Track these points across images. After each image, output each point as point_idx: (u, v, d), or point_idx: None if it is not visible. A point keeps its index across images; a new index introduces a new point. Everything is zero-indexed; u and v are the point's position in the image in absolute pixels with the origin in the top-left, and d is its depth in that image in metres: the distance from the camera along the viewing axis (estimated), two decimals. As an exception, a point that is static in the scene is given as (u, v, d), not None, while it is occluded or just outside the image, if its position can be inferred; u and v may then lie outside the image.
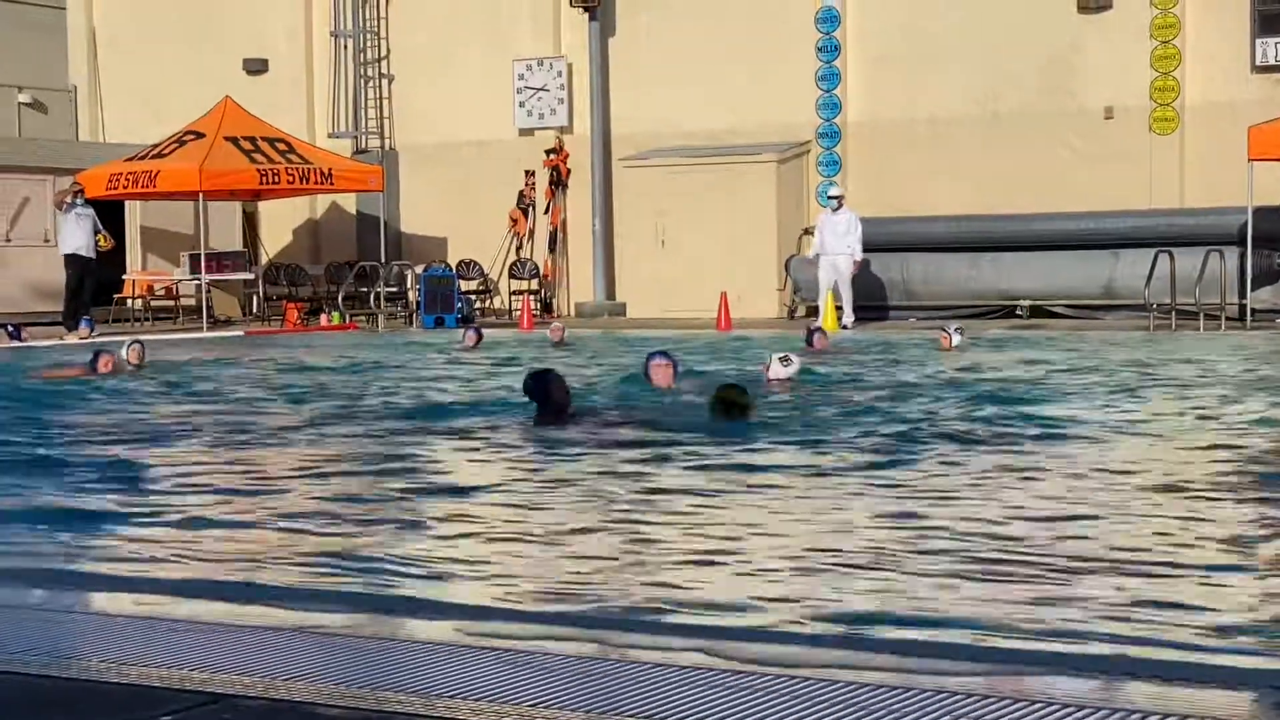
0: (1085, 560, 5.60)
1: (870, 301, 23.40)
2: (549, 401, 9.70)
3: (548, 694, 3.49)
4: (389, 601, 5.00)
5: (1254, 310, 20.68)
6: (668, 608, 4.94)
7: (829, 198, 22.90)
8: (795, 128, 25.28)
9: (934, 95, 24.41)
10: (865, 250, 22.57)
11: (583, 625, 4.57)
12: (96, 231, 22.93)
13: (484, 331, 19.55)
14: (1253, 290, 20.84)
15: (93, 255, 22.89)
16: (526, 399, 9.88)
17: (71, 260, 22.73)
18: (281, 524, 6.60)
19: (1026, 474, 7.80)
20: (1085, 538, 6.07)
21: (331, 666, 3.77)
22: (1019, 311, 22.62)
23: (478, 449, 9.24)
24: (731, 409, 9.45)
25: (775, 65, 25.20)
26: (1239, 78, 22.76)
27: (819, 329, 17.35)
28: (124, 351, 15.26)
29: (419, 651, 4.05)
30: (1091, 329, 20.35)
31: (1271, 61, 22.63)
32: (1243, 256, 20.74)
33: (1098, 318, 22.00)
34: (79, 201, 23.01)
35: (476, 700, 3.43)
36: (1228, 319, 20.08)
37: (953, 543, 5.92)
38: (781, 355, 12.51)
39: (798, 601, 5.04)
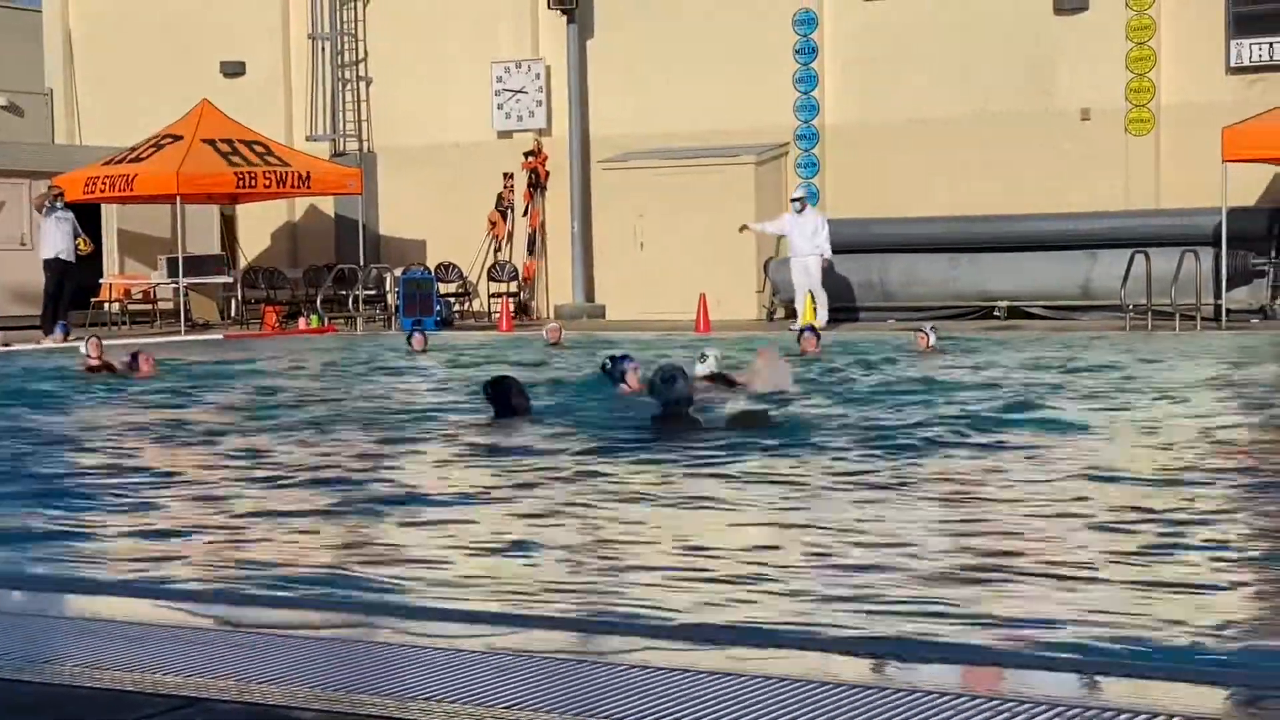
0: (1058, 561, 5.63)
1: (847, 303, 23.48)
2: (508, 407, 9.88)
3: (526, 695, 3.49)
4: (364, 604, 5.01)
5: (1229, 310, 20.76)
6: (645, 609, 4.96)
7: (791, 199, 22.97)
8: (773, 130, 25.32)
9: (911, 97, 24.46)
10: (844, 252, 22.69)
11: (560, 627, 4.58)
12: (76, 235, 22.86)
13: (428, 334, 19.58)
14: (1228, 290, 20.91)
15: (72, 259, 22.81)
16: (486, 403, 10.02)
17: (51, 264, 22.65)
18: (253, 528, 6.60)
19: (993, 476, 7.84)
20: (1057, 538, 6.11)
21: (306, 669, 3.77)
22: (996, 313, 22.68)
23: (441, 452, 9.26)
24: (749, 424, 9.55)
25: (753, 67, 25.23)
26: (1214, 79, 22.85)
27: (809, 329, 17.26)
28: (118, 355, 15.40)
29: (394, 653, 4.05)
30: (1069, 330, 20.41)
31: (1246, 63, 22.73)
32: (1218, 257, 20.82)
33: (1075, 319, 22.07)
34: (58, 205, 22.94)
35: (453, 703, 3.44)
36: (1203, 319, 20.16)
37: (926, 544, 5.95)
38: (699, 354, 12.73)
39: (776, 602, 5.06)
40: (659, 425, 9.38)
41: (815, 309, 22.07)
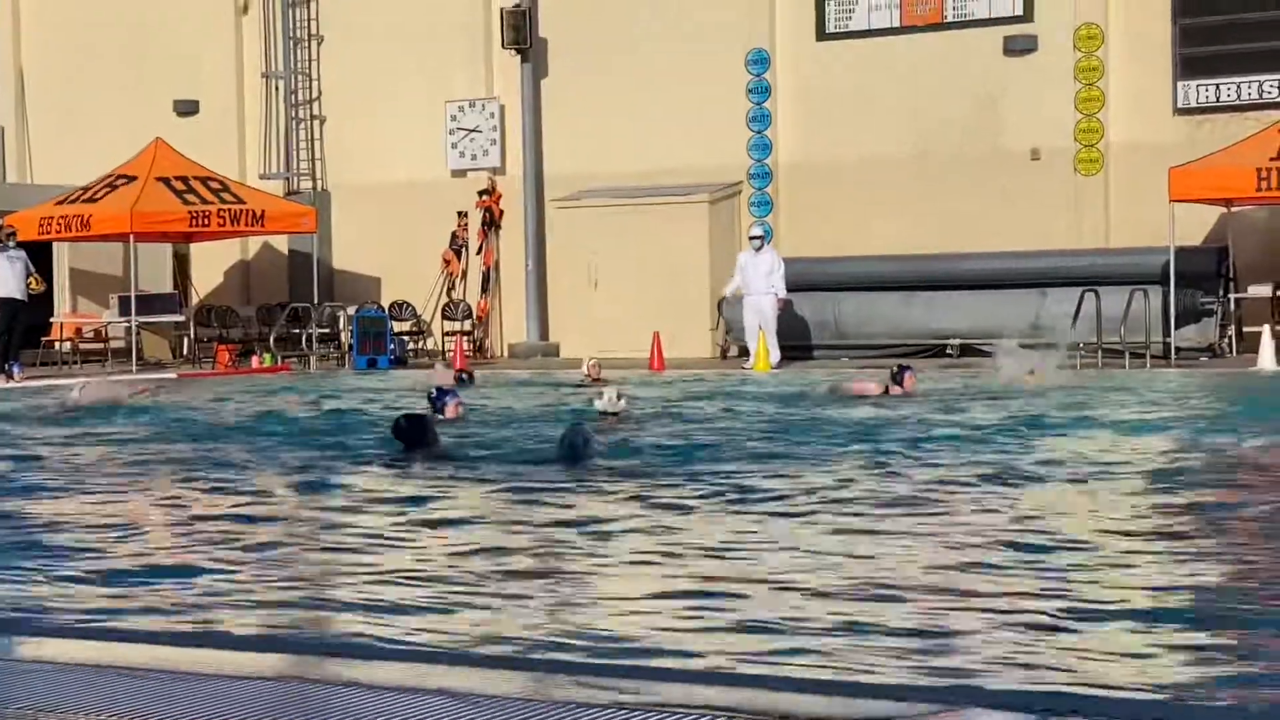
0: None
1: (801, 341, 23.62)
2: (421, 444, 10.35)
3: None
4: (321, 644, 5.02)
5: (1178, 349, 20.97)
6: (591, 647, 5.00)
7: (751, 238, 23.10)
8: (727, 169, 25.46)
9: (864, 136, 24.66)
10: (799, 290, 22.87)
11: (518, 667, 4.61)
12: (28, 274, 22.77)
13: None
14: (1177, 329, 21.13)
15: (24, 298, 22.72)
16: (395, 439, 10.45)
17: (3, 304, 22.54)
18: (200, 570, 6.59)
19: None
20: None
21: (262, 711, 3.78)
22: (949, 350, 22.84)
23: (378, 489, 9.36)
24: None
25: (707, 107, 25.38)
26: (1162, 120, 23.13)
27: (908, 367, 16.61)
28: (75, 392, 15.34)
29: (356, 695, 4.07)
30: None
31: (1193, 104, 23.02)
32: (1166, 296, 21.05)
33: (1026, 356, 22.22)
34: (10, 244, 22.85)
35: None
36: (1153, 357, 20.36)
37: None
38: (599, 392, 13.34)
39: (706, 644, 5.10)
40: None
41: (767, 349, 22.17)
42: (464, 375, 18.74)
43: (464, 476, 9.59)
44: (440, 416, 12.32)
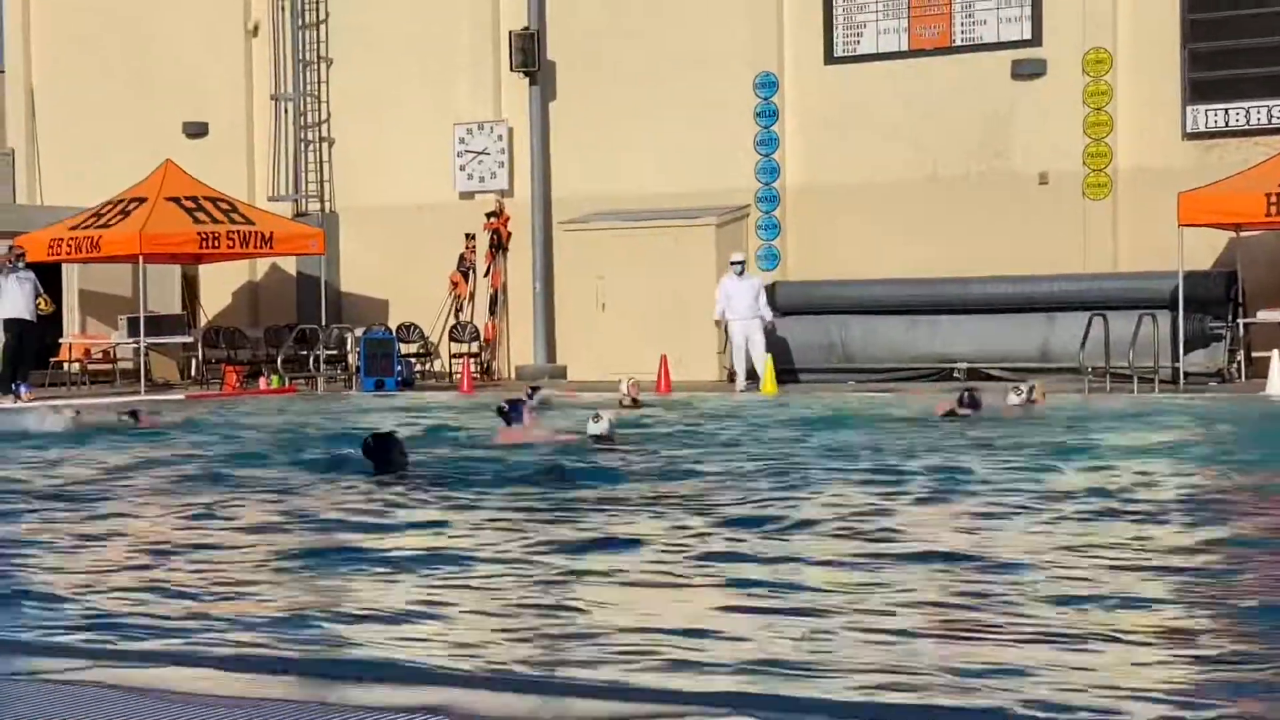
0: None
1: (807, 364, 23.60)
2: (388, 463, 10.49)
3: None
4: (320, 666, 5.01)
5: (1187, 374, 20.94)
6: (593, 665, 4.99)
7: (732, 263, 23.13)
8: (734, 192, 25.48)
9: (871, 160, 24.67)
10: (806, 313, 23.06)
11: (520, 690, 4.61)
12: (37, 295, 22.83)
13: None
14: (1185, 354, 21.10)
15: (33, 318, 22.78)
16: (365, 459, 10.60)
17: (11, 324, 22.61)
18: (179, 588, 6.58)
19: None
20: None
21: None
22: (956, 374, 22.81)
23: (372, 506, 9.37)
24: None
25: (714, 130, 25.42)
26: (1170, 144, 23.13)
27: (974, 389, 16.85)
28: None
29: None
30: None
31: (1202, 129, 23.02)
32: (1175, 321, 21.02)
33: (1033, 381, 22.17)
34: (20, 265, 22.92)
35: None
36: (1161, 382, 20.32)
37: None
38: (594, 414, 13.29)
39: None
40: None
41: (758, 370, 22.25)
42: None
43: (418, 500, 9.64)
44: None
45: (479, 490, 9.96)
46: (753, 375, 22.27)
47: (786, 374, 22.69)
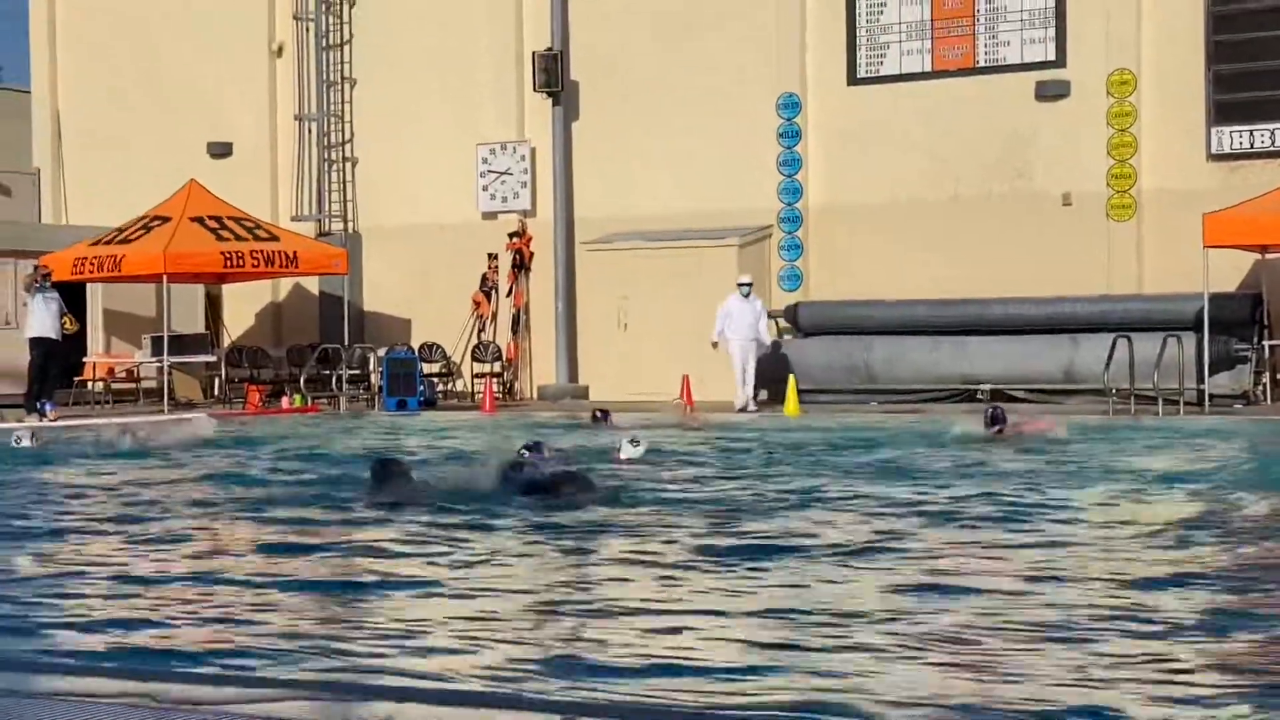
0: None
1: (828, 385, 23.54)
2: (390, 486, 10.42)
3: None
4: (339, 687, 5.00)
5: (1212, 395, 20.85)
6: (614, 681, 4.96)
7: (739, 284, 23.13)
8: (757, 212, 25.48)
9: (894, 181, 24.66)
10: (828, 333, 23.15)
11: (538, 709, 4.59)
12: (62, 314, 22.94)
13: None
14: (1210, 376, 21.01)
15: (59, 337, 22.89)
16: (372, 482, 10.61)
17: (37, 343, 22.71)
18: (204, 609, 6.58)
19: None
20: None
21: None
22: (980, 395, 22.73)
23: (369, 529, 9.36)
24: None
25: (737, 150, 25.43)
26: (1195, 166, 23.07)
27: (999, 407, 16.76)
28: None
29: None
30: (1053, 413, 20.44)
31: (1227, 150, 22.95)
32: (1200, 342, 20.94)
33: (1058, 402, 22.13)
34: (46, 285, 23.02)
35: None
36: (1186, 404, 20.24)
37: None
38: (631, 438, 13.20)
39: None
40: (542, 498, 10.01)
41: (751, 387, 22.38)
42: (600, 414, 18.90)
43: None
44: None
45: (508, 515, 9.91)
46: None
47: (809, 395, 22.65)
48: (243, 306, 29.23)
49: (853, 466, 13.34)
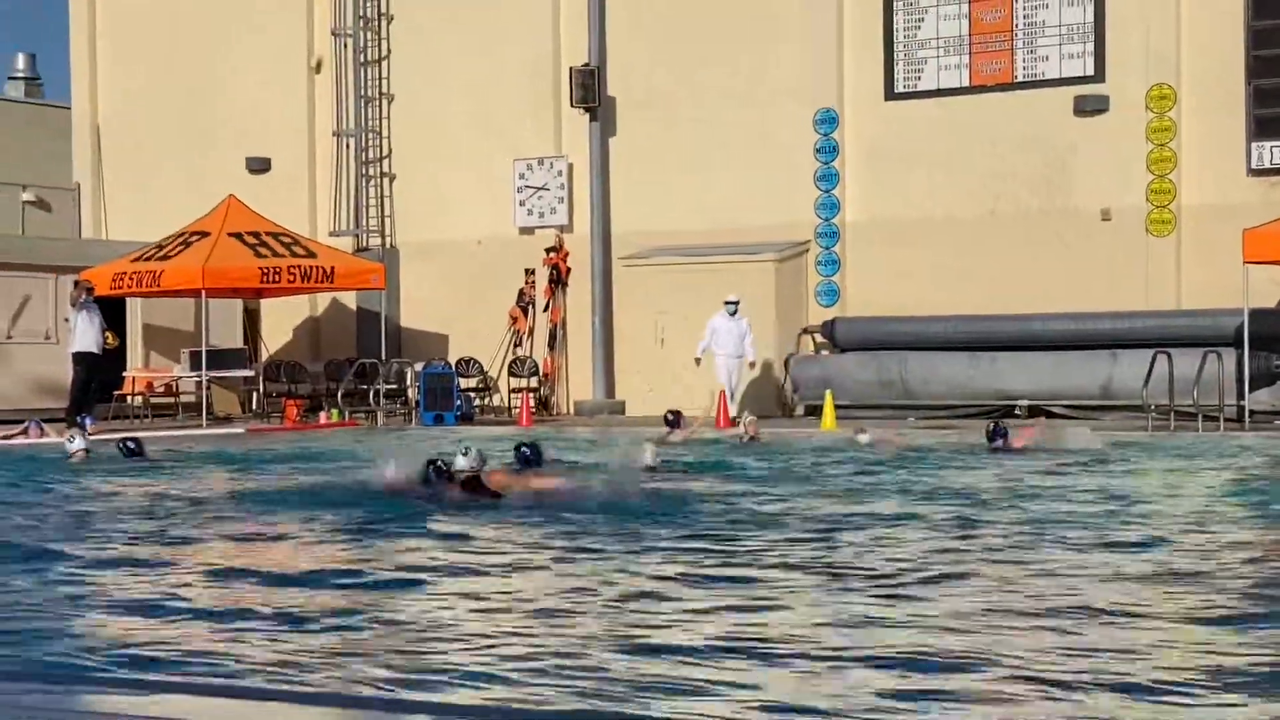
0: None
1: (864, 401, 23.48)
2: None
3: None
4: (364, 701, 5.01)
5: (1252, 412, 20.71)
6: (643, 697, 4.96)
7: (726, 303, 23.16)
8: (794, 227, 25.46)
9: (932, 196, 24.61)
10: (865, 349, 23.18)
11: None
12: (104, 329, 23.12)
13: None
14: (1251, 392, 20.88)
15: (101, 352, 23.09)
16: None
17: (81, 358, 22.89)
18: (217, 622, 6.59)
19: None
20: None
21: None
22: (1017, 411, 22.64)
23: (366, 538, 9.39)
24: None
25: (774, 165, 25.43)
26: (1235, 181, 22.96)
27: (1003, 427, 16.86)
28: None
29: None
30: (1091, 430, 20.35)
31: (1267, 165, 22.84)
32: (1240, 358, 20.82)
33: (1096, 418, 22.02)
34: (89, 300, 23.21)
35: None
36: (1226, 420, 20.12)
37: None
38: (652, 449, 13.80)
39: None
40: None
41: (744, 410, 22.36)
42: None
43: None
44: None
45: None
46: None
47: (845, 410, 22.59)
48: (281, 321, 29.36)
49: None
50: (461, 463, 11.42)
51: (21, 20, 69.53)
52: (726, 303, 23.25)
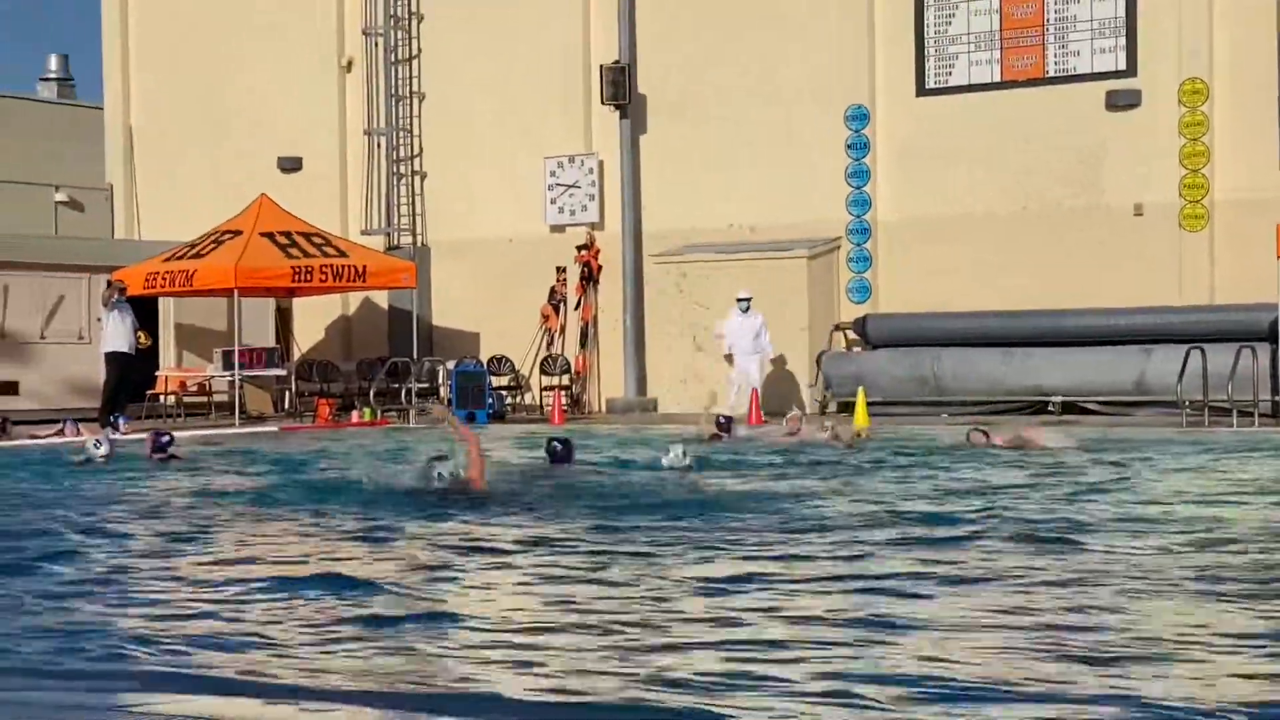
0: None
1: (897, 398, 23.42)
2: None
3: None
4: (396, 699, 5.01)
5: (1287, 407, 20.60)
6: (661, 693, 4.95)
7: (738, 299, 23.09)
8: (825, 224, 25.42)
9: (964, 192, 24.54)
10: (898, 345, 23.06)
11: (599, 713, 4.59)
12: (136, 329, 23.22)
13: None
14: (1285, 387, 20.76)
15: (134, 351, 23.20)
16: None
17: (113, 358, 23.00)
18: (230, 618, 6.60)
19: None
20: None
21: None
22: (1051, 408, 22.57)
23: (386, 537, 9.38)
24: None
25: (806, 162, 25.39)
26: (1268, 175, 22.82)
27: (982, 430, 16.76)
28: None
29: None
30: (1124, 425, 20.28)
31: (1300, 159, 22.69)
32: (1275, 353, 20.69)
33: (1130, 414, 21.93)
34: (122, 300, 23.32)
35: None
36: (1261, 416, 20.00)
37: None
38: (680, 447, 13.90)
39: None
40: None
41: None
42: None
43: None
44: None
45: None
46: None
47: (878, 407, 22.52)
48: (313, 320, 29.44)
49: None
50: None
51: (54, 22, 69.93)
52: (739, 299, 23.20)
